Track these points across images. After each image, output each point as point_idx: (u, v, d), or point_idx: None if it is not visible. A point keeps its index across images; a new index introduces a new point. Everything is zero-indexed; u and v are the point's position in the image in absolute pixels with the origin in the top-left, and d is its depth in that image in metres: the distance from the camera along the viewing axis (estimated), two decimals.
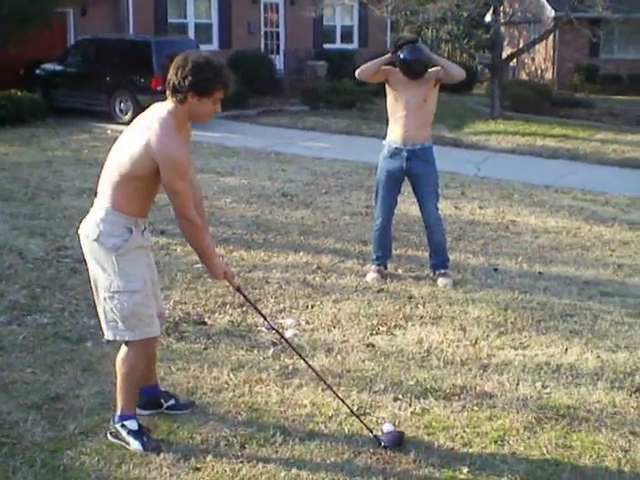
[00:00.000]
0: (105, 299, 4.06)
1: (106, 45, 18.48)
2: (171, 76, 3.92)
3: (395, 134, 7.01)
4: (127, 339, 4.09)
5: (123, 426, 4.17)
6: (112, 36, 19.59)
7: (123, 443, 4.16)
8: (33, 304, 6.21)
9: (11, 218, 8.86)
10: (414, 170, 6.99)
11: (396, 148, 6.99)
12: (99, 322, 4.23)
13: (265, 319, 4.75)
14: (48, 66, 18.93)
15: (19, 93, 17.10)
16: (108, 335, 4.14)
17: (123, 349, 4.16)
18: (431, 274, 7.20)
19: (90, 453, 4.10)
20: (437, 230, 7.17)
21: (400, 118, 6.94)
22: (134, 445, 4.13)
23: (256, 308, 4.70)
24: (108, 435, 4.23)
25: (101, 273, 4.04)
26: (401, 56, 6.82)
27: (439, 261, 7.18)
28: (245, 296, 4.55)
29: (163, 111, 3.97)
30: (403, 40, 7.01)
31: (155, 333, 4.17)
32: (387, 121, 7.14)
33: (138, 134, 3.95)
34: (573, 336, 5.90)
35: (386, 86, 7.01)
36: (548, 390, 4.99)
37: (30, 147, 14.23)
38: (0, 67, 18.25)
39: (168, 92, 3.97)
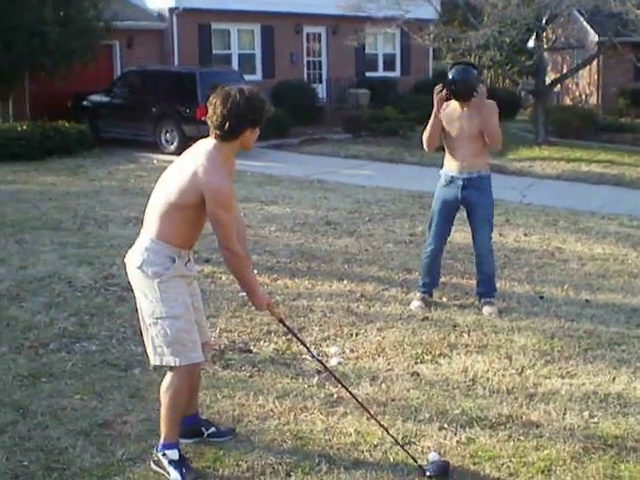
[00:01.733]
0: (150, 325, 4.14)
1: (152, 76, 18.81)
2: (224, 120, 3.97)
3: (451, 163, 6.97)
4: (172, 365, 4.14)
5: (164, 455, 4.19)
6: (157, 67, 19.95)
7: (164, 472, 4.19)
8: (82, 331, 6.31)
9: (60, 247, 9.01)
10: (469, 199, 6.95)
11: (452, 177, 6.96)
12: (145, 349, 4.29)
13: (308, 349, 4.76)
14: (95, 97, 19.31)
15: (67, 124, 17.45)
16: (155, 360, 4.20)
17: (168, 376, 4.21)
18: (477, 301, 7.17)
19: (138, 479, 4.14)
20: (487, 261, 7.12)
21: (455, 148, 6.91)
22: (173, 475, 4.14)
23: (299, 339, 4.71)
24: (151, 463, 4.26)
25: (144, 300, 4.13)
26: (450, 76, 6.80)
27: (486, 290, 7.13)
28: (288, 327, 4.58)
29: (210, 144, 4.07)
30: (458, 61, 6.98)
31: (199, 359, 4.21)
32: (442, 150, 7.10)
33: (185, 166, 4.04)
34: (621, 365, 5.83)
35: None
36: (595, 419, 4.92)
37: (78, 177, 14.49)
38: (48, 99, 18.69)
39: (219, 133, 4.01)
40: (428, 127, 6.92)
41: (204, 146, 4.08)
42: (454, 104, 6.87)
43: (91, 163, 16.23)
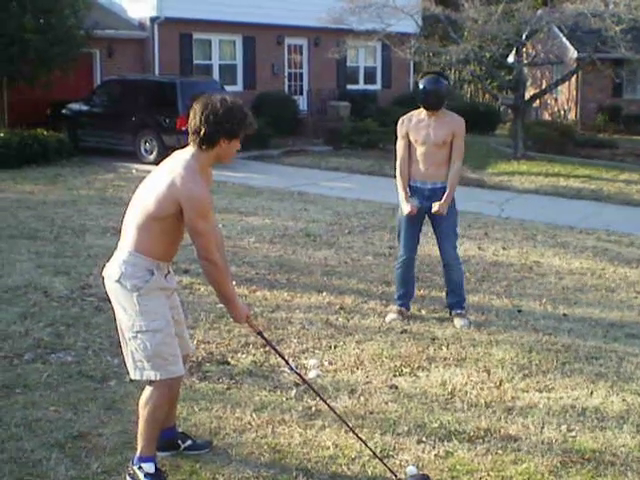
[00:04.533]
0: (129, 339, 4.08)
1: (132, 85, 18.75)
2: (201, 125, 3.95)
3: (416, 172, 7.04)
4: (153, 378, 4.10)
5: (140, 468, 4.14)
6: (138, 77, 19.88)
7: None
8: (57, 342, 6.24)
9: (36, 256, 8.93)
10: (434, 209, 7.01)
11: (417, 187, 7.02)
12: (123, 361, 4.25)
13: (287, 362, 4.72)
14: (74, 106, 19.21)
15: (45, 133, 17.34)
16: (135, 375, 4.14)
17: (147, 389, 4.16)
18: (448, 314, 7.19)
19: None
20: (455, 269, 7.17)
21: (420, 156, 6.97)
22: None
23: (277, 351, 4.65)
24: (127, 476, 4.21)
25: (123, 314, 4.07)
26: (421, 86, 6.91)
27: (455, 301, 7.17)
28: (266, 339, 4.54)
29: (186, 155, 4.04)
30: (428, 70, 7.18)
31: (180, 372, 4.17)
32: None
33: (162, 175, 4.00)
34: (598, 379, 5.84)
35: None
36: (573, 433, 4.93)
37: (55, 186, 14.40)
38: (27, 107, 18.59)
39: (195, 138, 4.00)
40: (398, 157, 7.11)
41: (181, 156, 4.05)
42: (421, 114, 6.99)
43: (69, 172, 16.13)
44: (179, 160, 4.02)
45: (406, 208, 6.98)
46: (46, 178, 15.21)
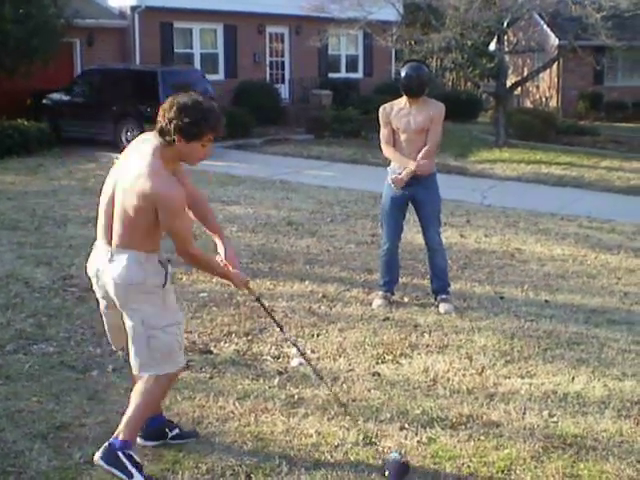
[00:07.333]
0: (150, 337, 4.03)
1: (112, 75, 18.66)
2: (159, 118, 3.86)
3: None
4: (163, 373, 4.10)
5: (124, 453, 4.05)
6: (118, 66, 19.76)
7: (115, 471, 4.02)
8: (39, 333, 6.21)
9: (17, 247, 8.88)
10: (418, 196, 7.03)
11: (400, 173, 7.04)
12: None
13: (281, 329, 4.79)
14: (55, 96, 19.10)
15: (26, 123, 17.21)
16: (148, 370, 4.08)
17: (148, 381, 4.08)
18: (432, 299, 7.21)
19: None
20: (439, 254, 7.21)
21: (402, 143, 6.99)
22: (134, 472, 4.02)
23: (274, 319, 4.74)
24: (98, 459, 4.05)
25: (142, 312, 4.03)
26: (403, 72, 6.93)
27: (440, 285, 7.21)
28: (263, 305, 4.64)
29: (149, 148, 3.92)
30: (410, 58, 7.22)
31: (183, 362, 4.29)
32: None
33: (133, 181, 3.87)
34: (580, 364, 5.88)
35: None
36: (555, 419, 4.96)
37: (37, 176, 14.31)
38: (7, 97, 18.42)
39: (156, 134, 3.91)
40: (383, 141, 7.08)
41: (144, 150, 3.94)
42: (402, 103, 7.01)
43: (51, 162, 16.03)
44: (144, 158, 3.88)
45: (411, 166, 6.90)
46: (27, 168, 15.12)
